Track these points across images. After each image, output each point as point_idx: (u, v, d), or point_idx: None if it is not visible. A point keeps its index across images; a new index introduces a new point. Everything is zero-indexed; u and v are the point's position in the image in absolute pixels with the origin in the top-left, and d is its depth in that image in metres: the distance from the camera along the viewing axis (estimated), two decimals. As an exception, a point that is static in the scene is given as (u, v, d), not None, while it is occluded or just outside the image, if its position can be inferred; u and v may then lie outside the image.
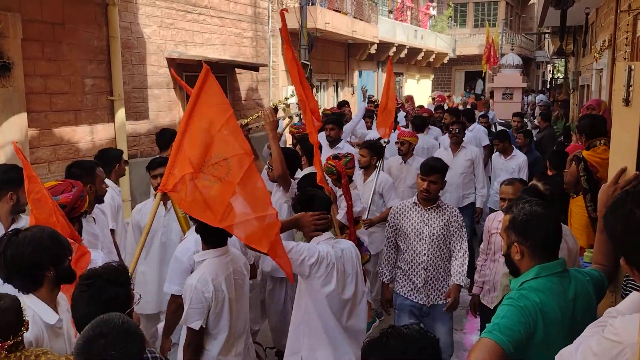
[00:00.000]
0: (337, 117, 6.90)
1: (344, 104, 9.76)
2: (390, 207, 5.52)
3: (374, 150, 5.65)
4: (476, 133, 9.04)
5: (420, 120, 8.41)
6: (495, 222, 4.32)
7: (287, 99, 5.89)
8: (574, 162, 5.06)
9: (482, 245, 4.51)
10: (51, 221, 2.91)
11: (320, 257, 3.21)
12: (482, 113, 12.56)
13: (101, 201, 4.04)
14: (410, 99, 16.37)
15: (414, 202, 4.18)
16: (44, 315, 2.45)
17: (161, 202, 3.24)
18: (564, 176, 5.37)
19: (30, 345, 2.33)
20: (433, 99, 17.18)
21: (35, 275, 2.48)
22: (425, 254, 4.11)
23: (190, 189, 2.88)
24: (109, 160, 4.87)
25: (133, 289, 2.46)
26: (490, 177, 7.81)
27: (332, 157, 4.81)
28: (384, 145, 6.16)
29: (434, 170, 4.07)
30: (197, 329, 3.02)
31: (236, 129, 3.08)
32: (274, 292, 4.64)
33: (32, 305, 2.43)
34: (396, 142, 6.58)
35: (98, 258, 3.12)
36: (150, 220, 3.00)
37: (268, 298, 4.72)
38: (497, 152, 7.59)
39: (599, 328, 1.78)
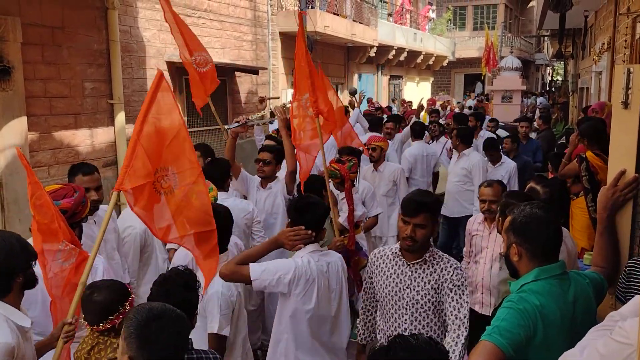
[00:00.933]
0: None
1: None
2: (376, 217, 5.35)
3: (355, 156, 5.23)
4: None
5: (419, 127, 7.99)
6: (475, 224, 4.36)
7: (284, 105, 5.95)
8: (576, 160, 5.07)
9: (464, 248, 4.50)
10: (53, 227, 2.91)
11: (297, 273, 3.02)
12: (490, 117, 12.12)
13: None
14: (404, 102, 16.34)
15: (395, 252, 3.05)
16: (18, 320, 2.45)
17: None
18: (560, 166, 5.37)
19: (13, 350, 2.34)
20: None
21: (6, 281, 2.46)
22: (407, 324, 2.98)
23: (146, 195, 2.93)
24: None
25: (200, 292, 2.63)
26: None
27: (335, 161, 4.78)
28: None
29: (422, 208, 2.86)
30: (227, 335, 3.01)
31: (185, 141, 3.09)
32: (273, 296, 4.60)
33: (4, 312, 2.42)
34: (367, 148, 6.21)
35: (99, 264, 3.11)
36: (107, 218, 2.96)
37: (267, 300, 4.71)
38: (485, 158, 7.11)
39: (603, 331, 1.78)
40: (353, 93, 10.25)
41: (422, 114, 10.77)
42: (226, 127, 4.81)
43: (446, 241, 6.91)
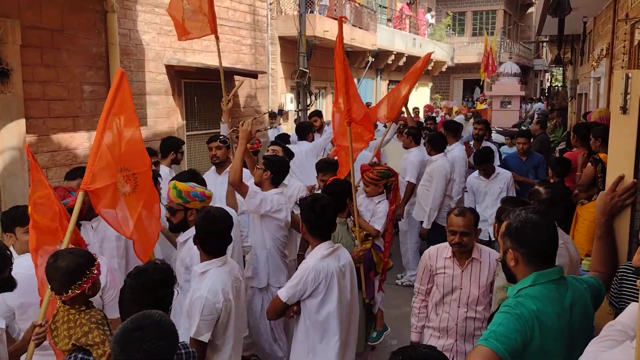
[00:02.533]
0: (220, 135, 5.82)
1: (315, 114, 8.80)
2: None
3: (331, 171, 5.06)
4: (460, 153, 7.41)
5: (418, 132, 7.65)
6: (440, 259, 3.54)
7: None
8: (589, 164, 5.06)
9: (416, 284, 3.74)
10: (53, 227, 2.89)
11: (315, 270, 3.21)
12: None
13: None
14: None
15: None
16: None
17: None
18: (577, 178, 5.37)
19: None
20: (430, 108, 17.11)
21: None
22: None
23: (109, 195, 3.02)
24: (167, 147, 5.93)
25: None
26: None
27: (374, 164, 4.93)
28: None
29: None
30: (207, 342, 2.97)
31: (140, 143, 3.24)
32: (252, 302, 4.53)
33: None
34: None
35: (102, 265, 3.08)
36: (75, 216, 2.93)
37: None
38: (476, 172, 6.57)
39: (609, 342, 1.77)
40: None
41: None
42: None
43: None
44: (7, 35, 6.16)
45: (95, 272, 2.58)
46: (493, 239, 5.90)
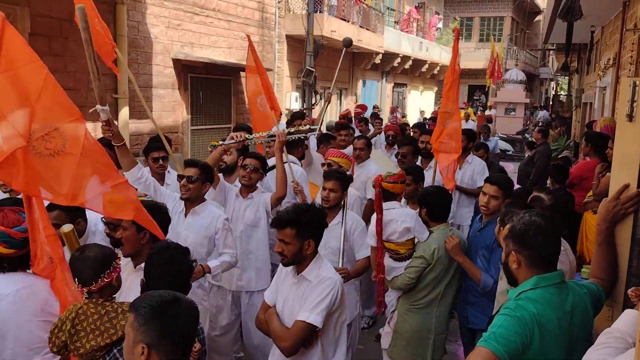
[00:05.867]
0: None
1: (298, 116, 7.43)
2: (368, 257, 4.11)
3: (345, 183, 4.18)
4: (475, 167, 6.40)
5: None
6: None
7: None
8: (607, 174, 5.06)
9: None
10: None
11: (340, 283, 3.01)
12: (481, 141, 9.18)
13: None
14: (394, 110, 15.94)
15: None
16: None
17: None
18: (593, 187, 5.38)
19: None
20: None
21: None
22: None
23: (23, 165, 2.47)
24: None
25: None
26: None
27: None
28: None
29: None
30: None
31: (57, 91, 2.67)
32: (252, 307, 4.28)
33: None
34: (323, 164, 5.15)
35: None
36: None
37: (246, 315, 4.38)
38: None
39: (608, 349, 1.77)
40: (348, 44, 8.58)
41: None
42: (220, 142, 4.55)
43: None
44: (17, 22, 6.18)
45: (119, 264, 2.57)
46: None
